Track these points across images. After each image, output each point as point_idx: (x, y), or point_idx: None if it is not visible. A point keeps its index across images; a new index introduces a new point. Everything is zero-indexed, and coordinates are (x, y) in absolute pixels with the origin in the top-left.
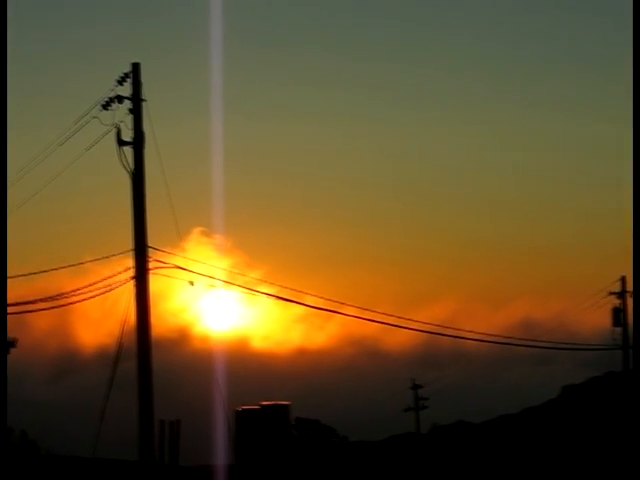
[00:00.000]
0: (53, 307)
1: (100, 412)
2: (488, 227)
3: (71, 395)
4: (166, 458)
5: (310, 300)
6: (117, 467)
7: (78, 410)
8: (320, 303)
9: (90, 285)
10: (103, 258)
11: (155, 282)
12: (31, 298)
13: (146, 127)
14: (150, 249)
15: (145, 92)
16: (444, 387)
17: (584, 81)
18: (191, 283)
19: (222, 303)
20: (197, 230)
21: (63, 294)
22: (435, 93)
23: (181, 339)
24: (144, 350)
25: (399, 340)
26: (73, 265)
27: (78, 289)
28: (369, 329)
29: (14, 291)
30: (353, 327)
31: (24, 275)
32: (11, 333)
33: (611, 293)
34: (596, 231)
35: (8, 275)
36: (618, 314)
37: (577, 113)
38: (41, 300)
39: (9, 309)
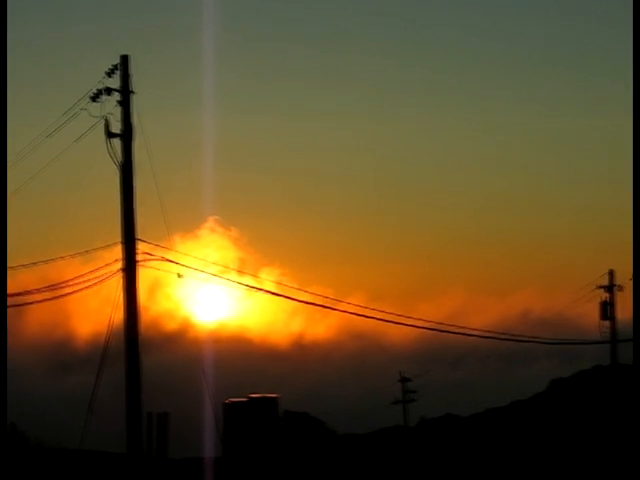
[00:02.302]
0: (39, 301)
1: (88, 404)
2: (475, 222)
3: (60, 387)
4: (154, 450)
5: (305, 296)
6: (105, 459)
7: (67, 402)
8: (317, 299)
9: (78, 277)
10: (91, 250)
11: (144, 275)
12: (16, 291)
13: (135, 120)
14: (139, 242)
15: (134, 85)
16: (432, 380)
17: (582, 75)
18: (179, 275)
19: (212, 296)
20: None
21: (51, 286)
22: (435, 88)
23: (170, 332)
24: (132, 343)
25: (396, 335)
26: (62, 257)
27: (65, 281)
28: (367, 323)
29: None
30: (352, 321)
31: (11, 267)
32: None
33: (599, 287)
34: (584, 225)
35: None
36: (606, 308)
37: (572, 108)
38: (27, 292)
39: None
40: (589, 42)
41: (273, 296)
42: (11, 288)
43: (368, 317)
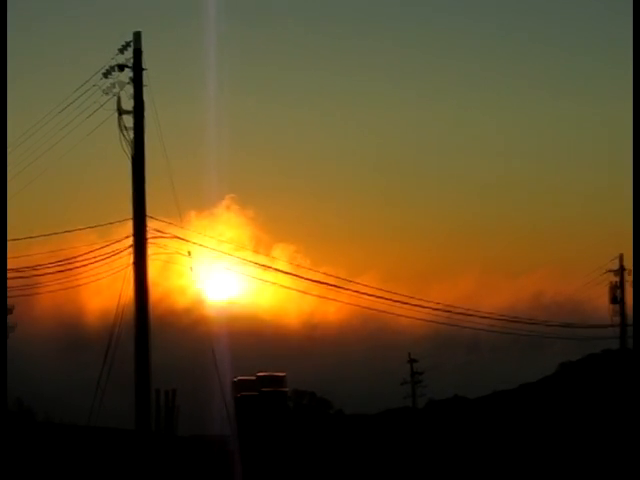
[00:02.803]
0: (49, 273)
1: (97, 381)
2: (489, 205)
3: (69, 364)
4: (163, 427)
5: (317, 275)
6: (114, 435)
7: (76, 379)
8: (329, 278)
9: (89, 252)
10: (104, 225)
11: (155, 252)
12: (29, 265)
13: (146, 96)
14: (150, 219)
15: (146, 61)
16: (441, 362)
17: (587, 62)
18: (189, 253)
19: (222, 274)
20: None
21: (61, 261)
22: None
23: (180, 309)
24: (142, 319)
25: (407, 316)
26: (69, 231)
27: (77, 256)
28: (379, 304)
29: (13, 257)
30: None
31: (18, 239)
32: (10, 301)
33: (609, 271)
34: (596, 209)
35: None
36: (615, 291)
37: (587, 92)
38: (39, 266)
39: (11, 274)
40: (594, 25)
41: (285, 275)
42: (23, 262)
43: (379, 297)
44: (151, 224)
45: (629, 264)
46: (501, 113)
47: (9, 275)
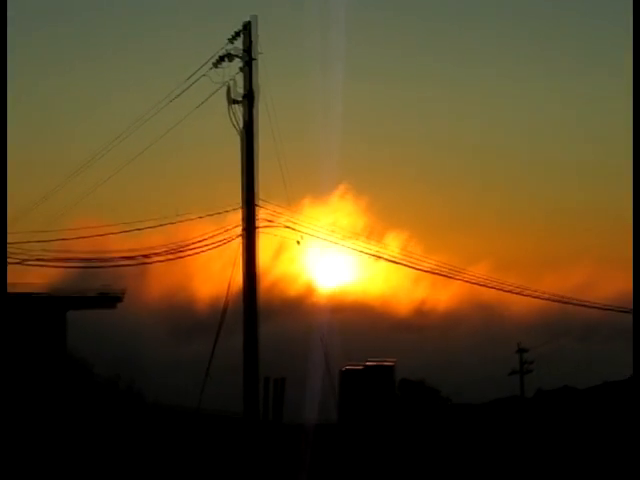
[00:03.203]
0: (162, 261)
1: (206, 368)
2: (603, 194)
3: (179, 350)
4: (270, 415)
5: (428, 264)
6: (222, 421)
7: (186, 365)
8: (440, 267)
9: (200, 241)
10: (214, 214)
11: (266, 240)
12: (140, 252)
13: (259, 82)
14: (260, 208)
15: (258, 47)
16: (551, 352)
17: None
18: (298, 242)
19: (333, 262)
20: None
21: (173, 249)
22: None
23: (290, 297)
24: (251, 307)
25: (518, 305)
26: (181, 221)
27: (187, 245)
28: (490, 293)
29: (122, 244)
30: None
31: (129, 231)
32: (120, 285)
33: None
34: None
35: (119, 229)
36: None
37: None
38: (153, 254)
39: (124, 261)
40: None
41: (396, 264)
42: (135, 248)
43: (489, 287)
44: (262, 212)
45: None
46: (614, 96)
47: (122, 262)
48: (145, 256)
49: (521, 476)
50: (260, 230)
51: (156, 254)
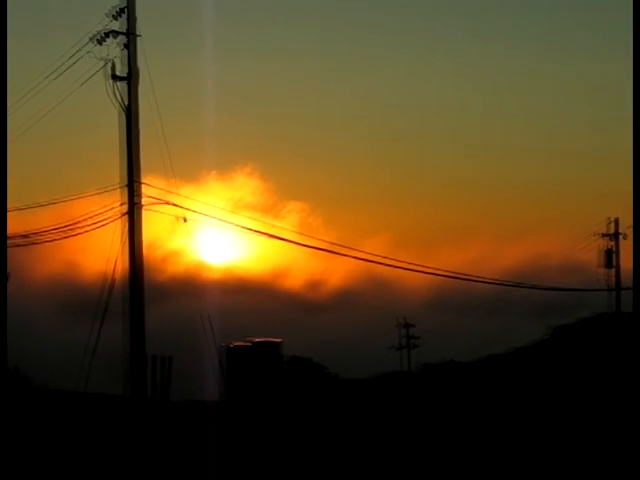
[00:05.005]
0: (45, 241)
1: (91, 348)
2: (477, 168)
3: (64, 331)
4: (158, 393)
5: (315, 241)
6: (109, 401)
7: (71, 346)
8: (324, 244)
9: (85, 220)
10: (95, 194)
11: (148, 219)
12: (21, 232)
13: (140, 63)
14: (144, 185)
15: (140, 28)
16: (437, 327)
17: (584, 17)
18: (184, 220)
19: (216, 240)
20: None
21: (54, 229)
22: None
23: (175, 275)
24: (136, 286)
25: (410, 281)
26: (65, 200)
27: (68, 225)
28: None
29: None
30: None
31: (12, 210)
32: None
33: (604, 235)
34: (590, 173)
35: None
36: (610, 256)
37: (573, 52)
38: (33, 233)
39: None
40: None
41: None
42: (17, 228)
43: (380, 264)
44: (146, 191)
45: (623, 228)
46: (501, 74)
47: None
48: (24, 236)
49: (408, 449)
50: (146, 208)
51: (36, 234)
